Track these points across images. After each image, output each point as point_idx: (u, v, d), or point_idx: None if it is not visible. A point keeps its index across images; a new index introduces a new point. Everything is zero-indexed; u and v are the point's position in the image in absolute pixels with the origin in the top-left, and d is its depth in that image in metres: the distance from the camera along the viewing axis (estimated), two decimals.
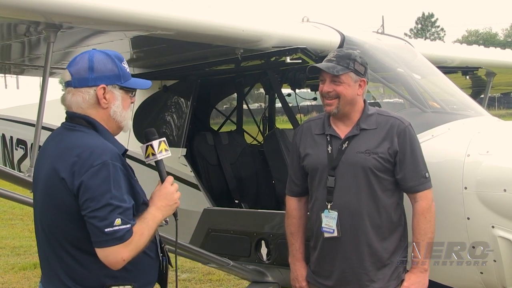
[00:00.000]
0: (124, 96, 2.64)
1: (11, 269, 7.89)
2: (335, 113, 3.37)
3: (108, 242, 2.40)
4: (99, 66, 2.58)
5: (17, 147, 7.38)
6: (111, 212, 2.39)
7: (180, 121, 5.20)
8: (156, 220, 2.57)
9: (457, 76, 6.30)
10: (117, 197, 2.42)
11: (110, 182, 2.41)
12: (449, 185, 3.56)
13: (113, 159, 2.45)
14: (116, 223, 2.40)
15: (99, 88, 2.57)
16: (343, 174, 3.32)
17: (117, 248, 2.41)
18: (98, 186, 2.40)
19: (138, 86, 2.71)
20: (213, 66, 4.92)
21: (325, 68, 3.32)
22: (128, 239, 2.42)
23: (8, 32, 3.82)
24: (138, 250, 2.48)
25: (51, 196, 2.49)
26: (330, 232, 3.33)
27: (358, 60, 3.36)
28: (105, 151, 2.46)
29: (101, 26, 3.61)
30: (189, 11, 3.78)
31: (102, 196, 2.40)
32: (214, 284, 7.06)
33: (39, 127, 3.60)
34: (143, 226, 2.50)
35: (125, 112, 2.66)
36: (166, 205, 2.62)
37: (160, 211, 2.59)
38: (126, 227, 2.41)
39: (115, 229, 2.40)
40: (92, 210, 2.39)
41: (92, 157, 2.42)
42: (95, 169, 2.40)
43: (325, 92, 3.36)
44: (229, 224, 4.68)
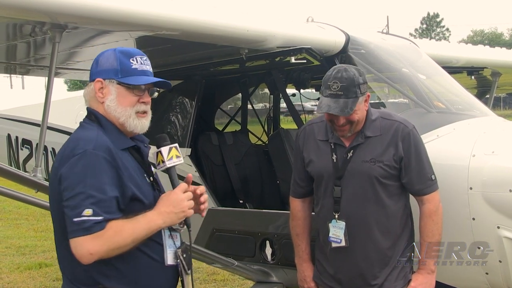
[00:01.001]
0: (122, 92, 2.57)
1: (17, 268, 7.91)
2: (347, 136, 3.32)
3: (75, 232, 2.32)
4: (102, 61, 2.60)
5: (22, 147, 7.40)
6: (82, 201, 2.32)
7: (185, 121, 5.20)
8: (152, 224, 2.44)
9: (462, 76, 6.29)
10: (93, 186, 2.34)
11: (87, 171, 2.36)
12: (454, 185, 3.55)
13: (97, 149, 2.41)
14: (85, 213, 2.31)
15: (96, 81, 2.58)
16: (349, 184, 3.30)
17: (83, 240, 2.31)
18: (74, 175, 2.36)
19: (134, 82, 2.57)
20: (217, 66, 4.92)
21: (339, 113, 3.19)
22: (97, 231, 2.32)
23: (13, 32, 3.83)
24: (112, 247, 2.36)
25: (51, 188, 2.53)
26: (337, 242, 3.32)
27: (361, 81, 3.23)
28: (90, 142, 2.43)
29: (106, 26, 3.61)
30: (194, 11, 3.78)
31: (76, 184, 2.35)
32: (218, 284, 7.06)
33: (44, 127, 3.61)
34: (127, 224, 2.39)
35: (122, 108, 2.56)
36: (171, 211, 2.49)
37: (161, 216, 2.47)
38: (96, 218, 2.31)
39: (83, 219, 2.31)
40: (66, 199, 2.36)
41: (76, 148, 2.41)
42: (75, 159, 2.38)
43: (338, 125, 3.26)
44: (233, 224, 4.68)
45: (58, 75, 6.00)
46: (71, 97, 7.42)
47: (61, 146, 2.55)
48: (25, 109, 7.48)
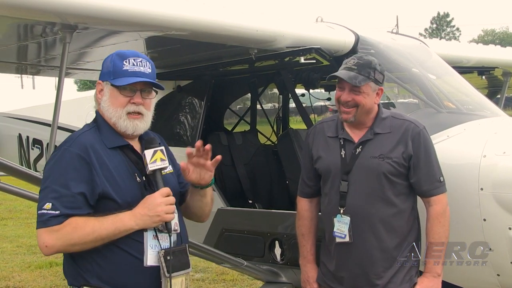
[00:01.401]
0: (114, 93, 2.63)
1: (28, 267, 7.96)
2: (352, 121, 3.33)
3: (37, 224, 2.45)
4: (104, 64, 2.72)
5: (33, 147, 7.44)
6: (45, 195, 2.44)
7: (194, 121, 5.21)
8: (119, 225, 2.47)
9: (473, 76, 6.26)
10: (57, 181, 2.43)
11: (56, 166, 2.48)
12: (465, 186, 3.53)
13: (72, 146, 2.50)
14: (45, 206, 2.42)
15: (97, 83, 2.71)
16: (356, 179, 3.30)
17: (40, 232, 2.44)
18: (46, 170, 2.52)
19: (120, 83, 2.61)
20: (227, 66, 4.92)
21: (347, 79, 3.26)
22: (53, 225, 2.41)
23: (24, 33, 3.85)
24: (70, 243, 2.43)
25: None
26: (341, 237, 3.31)
27: (378, 68, 3.31)
28: (70, 140, 2.56)
29: (116, 27, 3.62)
30: (203, 11, 3.79)
31: (46, 178, 2.49)
32: (227, 284, 7.07)
33: (55, 127, 3.63)
34: (90, 222, 2.44)
35: (113, 109, 2.62)
36: (145, 214, 2.50)
37: (134, 218, 2.49)
38: (53, 212, 2.41)
39: (43, 212, 2.42)
40: (39, 191, 2.50)
41: (59, 146, 2.56)
42: (52, 155, 2.56)
43: (343, 101, 3.31)
44: (243, 224, 4.68)
45: (69, 75, 6.01)
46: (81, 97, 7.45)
47: None
48: (36, 109, 7.52)
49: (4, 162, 3.64)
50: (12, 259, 8.46)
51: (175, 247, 2.62)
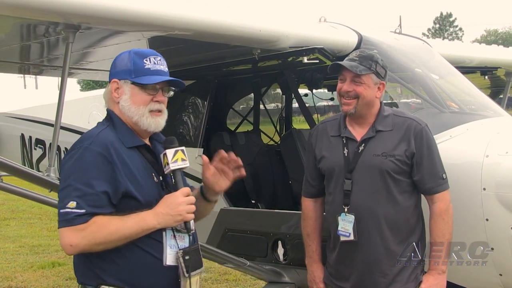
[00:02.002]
0: (136, 91, 2.61)
1: (30, 267, 7.96)
2: (352, 113, 3.34)
3: (60, 223, 2.40)
4: (118, 62, 2.66)
5: (35, 147, 7.45)
6: (68, 193, 2.39)
7: (197, 121, 5.21)
8: (142, 224, 2.46)
9: (475, 76, 6.26)
10: (80, 180, 2.40)
11: (78, 165, 2.43)
12: (467, 186, 3.53)
13: (93, 145, 2.46)
14: (69, 205, 2.37)
15: (112, 82, 2.65)
16: (360, 177, 3.30)
17: (64, 231, 2.38)
18: (67, 168, 2.45)
19: (146, 81, 2.61)
20: (230, 66, 4.92)
21: (348, 66, 3.29)
22: (78, 224, 2.37)
23: (27, 32, 3.86)
24: (95, 242, 2.39)
25: None
26: (346, 235, 3.31)
27: (380, 62, 3.34)
28: (90, 138, 2.51)
29: (119, 27, 3.63)
30: (207, 11, 3.79)
31: (67, 177, 2.43)
32: (230, 284, 7.07)
33: (57, 127, 3.63)
34: (114, 221, 2.42)
35: (135, 107, 2.60)
36: (167, 213, 2.50)
37: (156, 217, 2.49)
38: (79, 211, 2.36)
39: (67, 211, 2.37)
40: (58, 191, 2.47)
41: (77, 144, 2.51)
42: (71, 153, 2.48)
43: (344, 91, 3.34)
44: (245, 224, 4.68)
45: (72, 75, 6.02)
46: (84, 97, 7.47)
47: None
48: (39, 109, 7.53)
49: (6, 162, 3.64)
50: (14, 259, 8.47)
51: (191, 247, 2.62)
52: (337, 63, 3.38)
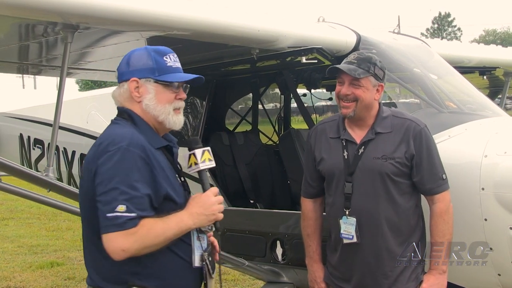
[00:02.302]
0: (160, 90, 2.57)
1: (29, 267, 7.96)
2: (351, 116, 3.34)
3: (108, 228, 2.31)
4: (134, 60, 2.59)
5: (34, 147, 7.45)
6: (115, 197, 2.31)
7: (196, 121, 5.21)
8: (182, 225, 2.44)
9: (474, 76, 6.25)
10: (126, 183, 2.33)
11: (120, 167, 2.35)
12: (466, 186, 3.53)
13: (131, 146, 2.39)
14: (118, 209, 2.30)
15: (130, 81, 2.57)
16: (360, 180, 3.30)
17: (115, 236, 2.30)
18: (108, 170, 2.35)
19: (174, 79, 2.59)
20: (228, 66, 4.92)
21: (346, 70, 3.28)
22: (130, 228, 2.30)
23: (26, 32, 3.86)
24: (144, 246, 2.35)
25: (83, 186, 2.52)
26: (349, 238, 3.31)
27: (378, 64, 3.33)
28: (125, 138, 2.41)
29: (117, 27, 3.63)
30: (205, 11, 3.79)
31: (110, 180, 2.34)
32: (229, 284, 7.06)
33: (56, 127, 3.63)
34: (158, 223, 2.38)
35: (161, 106, 2.56)
36: (201, 213, 2.49)
37: (192, 217, 2.47)
38: (129, 215, 2.30)
39: (117, 215, 2.30)
40: (100, 194, 2.35)
41: (110, 144, 2.40)
42: (109, 154, 2.37)
43: (343, 94, 3.33)
44: (244, 224, 4.68)
45: (70, 75, 6.02)
46: (82, 97, 7.47)
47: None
48: (37, 109, 7.53)
49: (5, 162, 3.64)
50: (13, 259, 8.46)
51: (208, 247, 2.64)
52: (335, 67, 3.36)
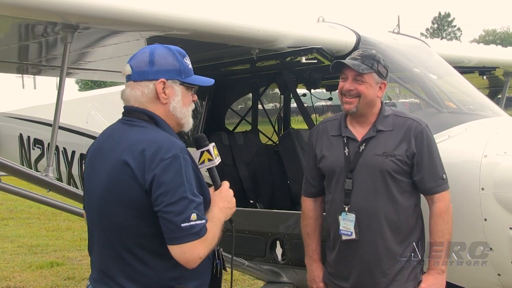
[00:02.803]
0: (184, 92, 2.55)
1: (28, 267, 7.96)
2: (354, 112, 3.35)
3: (184, 238, 2.30)
4: (160, 60, 2.51)
5: (34, 147, 7.45)
6: (186, 206, 2.30)
7: (195, 121, 5.17)
8: (219, 222, 2.48)
9: (474, 76, 6.26)
10: (191, 191, 2.32)
11: (183, 175, 2.32)
12: (466, 186, 3.53)
13: (183, 152, 2.37)
14: (192, 217, 2.29)
15: (159, 82, 2.49)
16: (360, 177, 3.31)
17: (194, 245, 2.31)
18: (172, 180, 2.30)
19: (200, 82, 2.59)
20: (228, 66, 4.92)
21: (350, 65, 3.30)
22: (204, 235, 2.33)
23: (25, 32, 3.86)
24: (211, 248, 2.40)
25: (118, 194, 2.38)
26: (348, 234, 3.32)
27: (382, 62, 3.35)
28: (174, 145, 2.38)
29: (117, 27, 3.62)
30: (205, 11, 3.79)
31: (176, 189, 2.30)
32: (229, 284, 7.05)
33: (56, 127, 3.63)
34: (212, 224, 2.41)
35: (185, 109, 2.56)
36: (227, 207, 2.56)
37: (222, 212, 2.52)
38: (201, 222, 2.32)
39: (192, 224, 2.29)
40: (166, 204, 2.29)
41: (161, 151, 2.33)
42: (167, 163, 2.31)
43: (346, 89, 3.34)
44: (244, 224, 4.67)
45: (70, 75, 6.02)
46: (82, 97, 7.47)
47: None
48: (37, 109, 7.53)
49: (5, 162, 3.63)
50: (13, 259, 8.46)
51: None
52: (340, 61, 3.38)
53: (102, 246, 2.49)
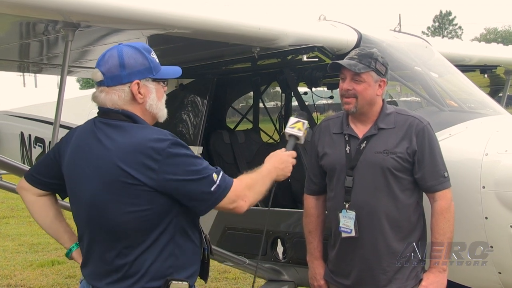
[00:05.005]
0: (157, 87, 2.63)
1: (30, 266, 7.97)
2: (354, 112, 3.35)
3: (221, 194, 2.55)
4: (130, 62, 2.56)
5: (35, 145, 7.45)
6: (205, 175, 2.51)
7: (197, 120, 5.21)
8: (271, 175, 2.84)
9: (475, 74, 6.25)
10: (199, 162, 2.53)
11: (190, 154, 2.51)
12: (466, 184, 3.53)
13: (175, 136, 2.52)
14: (214, 177, 2.52)
15: (134, 84, 2.56)
16: (361, 174, 3.31)
17: (234, 190, 2.60)
18: (185, 159, 2.48)
19: (170, 75, 2.69)
20: (229, 64, 4.92)
21: (346, 65, 3.30)
22: (231, 181, 2.60)
23: (27, 31, 3.85)
24: (254, 192, 2.78)
25: (117, 193, 2.46)
26: (347, 232, 3.32)
27: (380, 60, 3.34)
28: (164, 133, 2.51)
29: (119, 25, 3.62)
30: (206, 9, 3.78)
31: (190, 165, 2.49)
32: (230, 282, 7.07)
33: (57, 125, 3.62)
34: (256, 173, 2.80)
35: (160, 103, 2.65)
36: (279, 168, 2.87)
37: (275, 170, 2.85)
38: (222, 174, 2.57)
39: (218, 183, 2.54)
40: (189, 180, 2.47)
41: (158, 141, 2.45)
42: (172, 149, 2.46)
43: (344, 90, 3.35)
44: (245, 222, 4.68)
45: (71, 73, 6.02)
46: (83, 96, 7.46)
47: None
48: (38, 108, 7.53)
49: (6, 160, 3.63)
50: (14, 257, 8.48)
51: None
52: (336, 62, 3.38)
53: (100, 242, 2.56)
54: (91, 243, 2.60)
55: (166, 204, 2.48)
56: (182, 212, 2.54)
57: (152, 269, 2.50)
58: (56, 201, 2.90)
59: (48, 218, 2.86)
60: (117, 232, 2.49)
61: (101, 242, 2.55)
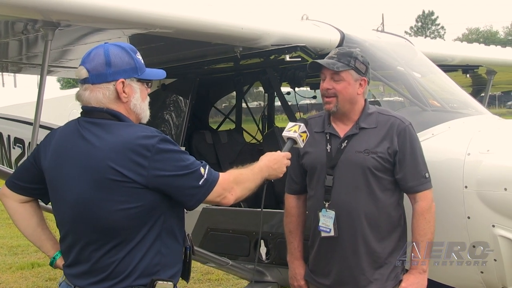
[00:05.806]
0: (142, 88, 2.65)
1: (9, 268, 7.87)
2: (334, 112, 3.35)
3: (209, 187, 2.56)
4: (116, 60, 2.56)
5: (14, 146, 7.36)
6: (193, 169, 2.52)
7: (179, 120, 5.18)
8: (263, 173, 2.86)
9: (457, 74, 6.29)
10: (186, 157, 2.55)
11: (177, 149, 2.53)
12: (449, 184, 3.54)
13: (162, 133, 2.52)
14: (201, 171, 2.54)
15: (118, 82, 2.56)
16: (341, 173, 3.30)
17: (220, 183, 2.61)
18: (173, 154, 2.50)
19: (154, 76, 2.71)
20: (212, 64, 4.89)
21: (325, 64, 3.29)
22: (218, 175, 2.61)
23: (5, 30, 3.80)
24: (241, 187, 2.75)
25: (107, 191, 2.45)
26: (326, 231, 3.31)
27: (360, 58, 3.33)
28: (154, 131, 2.52)
29: (99, 24, 3.59)
30: (188, 9, 3.76)
31: (179, 160, 2.51)
32: (213, 283, 7.04)
33: (36, 125, 3.58)
34: (247, 170, 2.82)
35: (144, 103, 2.66)
36: (271, 167, 2.90)
37: (267, 169, 2.87)
38: (208, 168, 2.58)
39: (206, 177, 2.55)
40: (179, 175, 2.48)
41: (145, 138, 2.46)
42: (159, 147, 2.46)
43: (324, 89, 3.34)
44: (228, 223, 4.66)
45: (51, 73, 5.95)
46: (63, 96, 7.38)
47: None
48: (17, 108, 7.44)
49: None
50: None
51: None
52: (315, 62, 3.38)
53: (88, 241, 2.53)
54: (76, 243, 2.57)
55: (155, 200, 2.49)
56: (169, 209, 2.56)
57: (139, 267, 2.50)
58: (38, 208, 2.86)
59: (31, 227, 2.83)
60: (107, 230, 2.48)
61: (87, 241, 2.53)
